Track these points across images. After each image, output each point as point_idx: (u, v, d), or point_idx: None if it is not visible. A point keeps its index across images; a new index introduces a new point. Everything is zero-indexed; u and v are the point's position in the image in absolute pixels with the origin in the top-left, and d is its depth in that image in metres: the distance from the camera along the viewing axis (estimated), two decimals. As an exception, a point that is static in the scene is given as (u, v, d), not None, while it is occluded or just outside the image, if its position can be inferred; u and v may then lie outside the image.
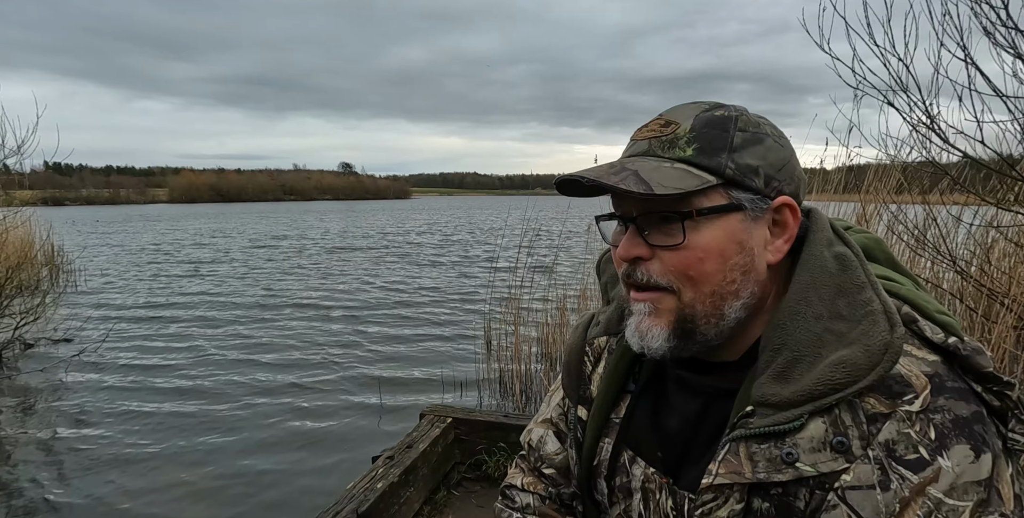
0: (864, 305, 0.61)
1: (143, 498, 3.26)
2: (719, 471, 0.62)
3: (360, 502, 1.99)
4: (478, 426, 2.73)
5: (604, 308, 0.88)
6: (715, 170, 0.63)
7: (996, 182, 3.23)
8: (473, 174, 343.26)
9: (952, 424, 0.56)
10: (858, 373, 0.57)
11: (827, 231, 0.68)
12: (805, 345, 0.61)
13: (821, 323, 0.62)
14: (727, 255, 0.64)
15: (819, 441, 0.58)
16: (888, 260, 0.74)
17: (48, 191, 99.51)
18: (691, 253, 0.63)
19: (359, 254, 15.70)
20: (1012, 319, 3.03)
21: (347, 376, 5.30)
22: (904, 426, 0.56)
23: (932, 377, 0.58)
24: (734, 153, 0.64)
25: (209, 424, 4.26)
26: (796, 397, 0.59)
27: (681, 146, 0.64)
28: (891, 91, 2.90)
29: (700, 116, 0.66)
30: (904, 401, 0.57)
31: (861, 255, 0.66)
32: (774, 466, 0.59)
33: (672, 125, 0.66)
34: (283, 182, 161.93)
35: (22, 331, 6.15)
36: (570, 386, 0.87)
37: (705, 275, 0.63)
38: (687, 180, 0.62)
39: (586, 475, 0.82)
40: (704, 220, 0.63)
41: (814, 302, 0.63)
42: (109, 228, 26.72)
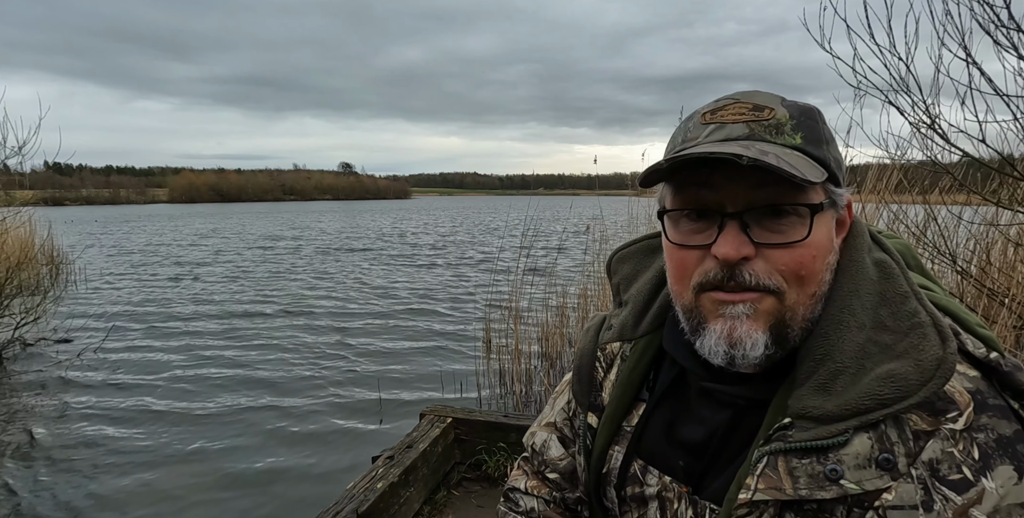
0: (910, 316, 0.58)
1: (143, 498, 3.26)
2: (758, 486, 0.58)
3: (360, 502, 1.99)
4: (478, 426, 2.73)
5: (616, 311, 0.83)
6: (823, 162, 0.59)
7: (997, 181, 3.23)
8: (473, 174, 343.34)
9: (996, 443, 0.54)
10: (908, 388, 0.55)
11: (866, 237, 0.65)
12: (849, 356, 0.58)
13: (864, 333, 0.59)
14: (826, 253, 0.61)
15: (864, 457, 0.55)
16: (919, 267, 0.70)
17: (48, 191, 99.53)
18: (806, 251, 0.58)
19: (357, 255, 15.70)
20: (1012, 319, 3.03)
21: (347, 376, 5.30)
22: (948, 445, 0.54)
23: (975, 394, 0.56)
24: (828, 145, 0.61)
25: (208, 424, 4.25)
26: (840, 411, 0.56)
27: (788, 132, 0.59)
28: (892, 91, 2.90)
29: (787, 103, 0.62)
30: (948, 419, 0.55)
31: (901, 262, 0.63)
32: (816, 482, 0.56)
33: (767, 109, 0.60)
34: (283, 182, 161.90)
35: (22, 331, 6.15)
36: (581, 392, 0.83)
37: (814, 274, 0.59)
38: (812, 170, 0.57)
39: (595, 483, 0.79)
40: (818, 216, 0.59)
41: (857, 311, 0.60)
42: (102, 229, 26.67)
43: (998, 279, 3.35)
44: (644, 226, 5.55)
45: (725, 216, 0.59)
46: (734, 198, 0.58)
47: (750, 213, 0.58)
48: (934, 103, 2.82)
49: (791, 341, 0.60)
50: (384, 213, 46.29)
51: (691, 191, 0.61)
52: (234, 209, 63.45)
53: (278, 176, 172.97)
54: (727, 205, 0.59)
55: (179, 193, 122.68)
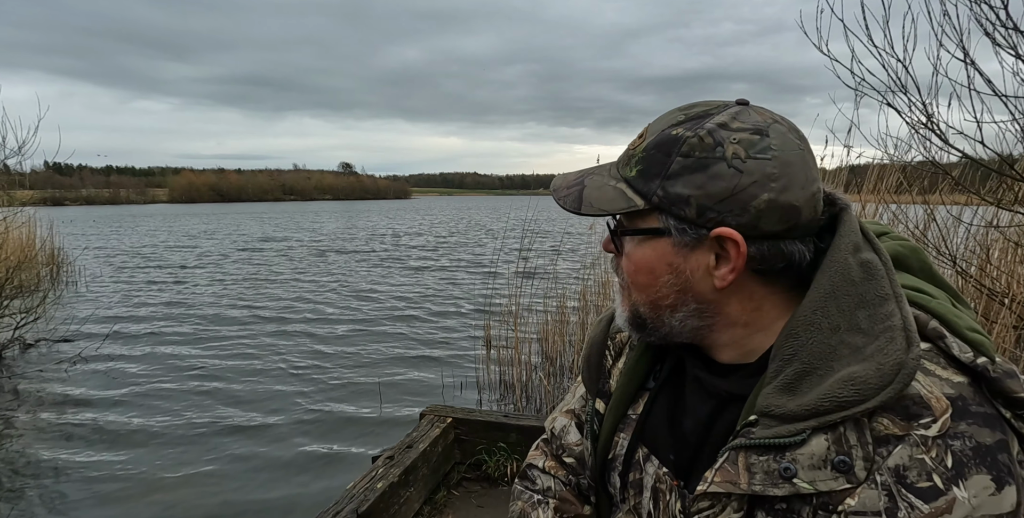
0: (884, 319, 0.58)
1: (142, 497, 3.27)
2: (714, 479, 0.60)
3: (360, 502, 1.99)
4: (478, 426, 2.73)
5: None
6: (645, 195, 0.65)
7: (996, 182, 3.23)
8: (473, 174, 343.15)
9: (973, 452, 0.52)
10: (867, 392, 0.54)
11: (855, 235, 0.64)
12: (817, 357, 0.59)
13: (837, 335, 0.59)
14: (657, 273, 0.67)
15: (820, 458, 0.56)
16: (924, 270, 0.70)
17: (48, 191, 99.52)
18: (628, 263, 0.69)
19: (357, 256, 15.71)
20: (1012, 319, 3.03)
21: (347, 376, 5.30)
22: (918, 451, 0.53)
23: (955, 400, 0.54)
24: (666, 180, 0.62)
25: (207, 424, 4.26)
26: (800, 411, 0.57)
27: (632, 165, 0.66)
28: (890, 91, 2.90)
29: (662, 133, 0.64)
30: (920, 424, 0.54)
31: (889, 263, 0.63)
32: (771, 479, 0.57)
33: (641, 138, 0.67)
34: (283, 182, 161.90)
35: (22, 331, 6.16)
36: (589, 379, 0.86)
37: (639, 285, 0.68)
38: (617, 202, 0.66)
39: (600, 468, 0.81)
40: (638, 238, 0.67)
41: (832, 312, 0.60)
42: (94, 229, 26.62)
43: (998, 279, 3.36)
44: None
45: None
46: None
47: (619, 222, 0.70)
48: (932, 103, 2.83)
49: (650, 331, 0.70)
50: (383, 213, 46.31)
51: None
52: (234, 209, 63.46)
53: (278, 176, 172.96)
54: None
55: (179, 193, 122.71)
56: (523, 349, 4.77)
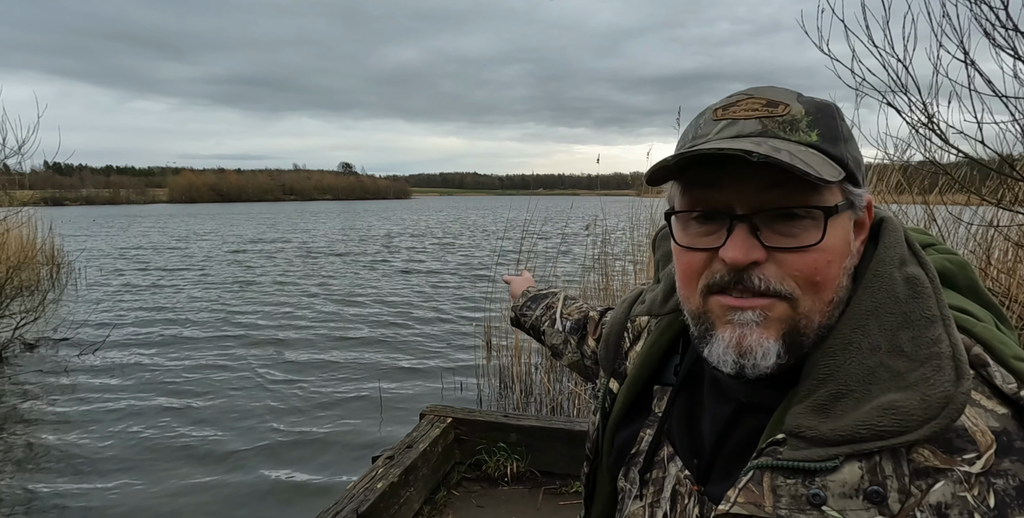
0: (931, 344, 0.53)
1: (142, 497, 3.27)
2: (737, 499, 0.56)
3: (360, 502, 1.99)
4: (478, 426, 2.73)
5: (653, 286, 0.81)
6: (840, 161, 0.56)
7: (996, 182, 3.23)
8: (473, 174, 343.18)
9: (1016, 492, 0.49)
10: (909, 424, 0.50)
11: (901, 247, 0.60)
12: (854, 379, 0.54)
13: (876, 356, 0.54)
14: (843, 256, 0.57)
15: (852, 487, 0.51)
16: (971, 289, 0.65)
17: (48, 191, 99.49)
18: (821, 255, 0.55)
19: (359, 254, 15.71)
20: (1012, 319, 3.03)
21: (347, 376, 5.30)
22: (961, 489, 0.49)
23: (999, 434, 0.50)
24: (847, 143, 0.57)
25: (208, 424, 4.26)
26: (834, 435, 0.53)
27: (804, 129, 0.56)
28: (890, 91, 2.90)
29: (803, 99, 0.58)
30: (964, 460, 0.50)
31: (937, 281, 0.58)
32: (797, 504, 0.53)
33: (781, 105, 0.57)
34: (283, 182, 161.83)
35: (22, 331, 6.16)
36: (606, 358, 0.84)
37: (829, 280, 0.55)
38: (829, 168, 0.53)
39: (618, 460, 0.77)
40: (833, 218, 0.55)
41: (873, 332, 0.55)
42: (87, 229, 26.58)
43: (999, 279, 3.36)
44: (647, 226, 5.55)
45: (734, 218, 0.55)
46: (744, 199, 0.55)
47: (760, 215, 0.55)
48: (932, 103, 2.83)
49: (805, 348, 0.57)
50: (383, 213, 46.29)
51: (699, 191, 0.58)
52: (232, 209, 63.47)
53: (278, 176, 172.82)
54: (736, 207, 0.56)
55: (179, 193, 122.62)
56: (523, 349, 4.77)
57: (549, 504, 2.57)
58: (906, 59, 2.76)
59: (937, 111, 2.85)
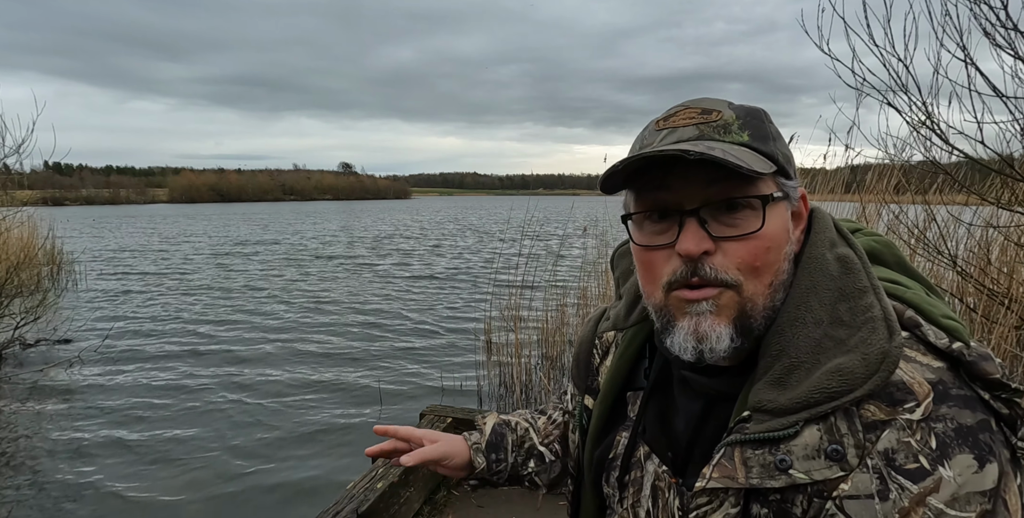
0: (865, 311, 0.60)
1: (142, 497, 3.26)
2: (712, 475, 0.61)
3: (360, 502, 1.99)
4: (478, 426, 2.73)
5: (616, 303, 0.87)
6: (771, 157, 0.62)
7: (996, 182, 3.23)
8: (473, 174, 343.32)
9: (955, 433, 0.54)
10: (854, 382, 0.56)
11: (830, 232, 0.67)
12: (804, 351, 0.60)
13: (821, 328, 0.61)
14: (783, 243, 0.63)
15: (813, 448, 0.57)
16: (899, 264, 0.72)
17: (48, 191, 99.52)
18: (761, 243, 0.61)
19: (358, 256, 15.71)
20: (1013, 319, 3.03)
21: (347, 376, 5.30)
22: (904, 435, 0.55)
23: (936, 384, 0.56)
24: (776, 141, 0.64)
25: (208, 424, 4.26)
26: (792, 404, 0.58)
27: (735, 131, 0.62)
28: (891, 91, 2.90)
29: (734, 106, 0.65)
30: (905, 409, 0.56)
31: (864, 258, 0.65)
32: (767, 472, 0.58)
33: (714, 112, 0.64)
34: (283, 182, 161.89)
35: (22, 331, 6.16)
36: (579, 377, 0.88)
37: (769, 265, 0.62)
38: (760, 163, 0.60)
39: (598, 467, 0.81)
40: (771, 207, 0.61)
41: (814, 307, 0.62)
42: (79, 230, 26.55)
43: (998, 279, 3.35)
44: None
45: (683, 214, 0.61)
46: (690, 196, 0.61)
47: (706, 209, 0.61)
48: (933, 103, 2.83)
49: (756, 330, 0.63)
50: (382, 214, 46.30)
51: (650, 194, 0.64)
52: (231, 210, 63.49)
53: (278, 176, 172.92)
54: (684, 204, 0.61)
55: (179, 193, 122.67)
56: (523, 349, 4.77)
57: (549, 504, 2.57)
58: (907, 58, 2.76)
59: (937, 111, 2.85)
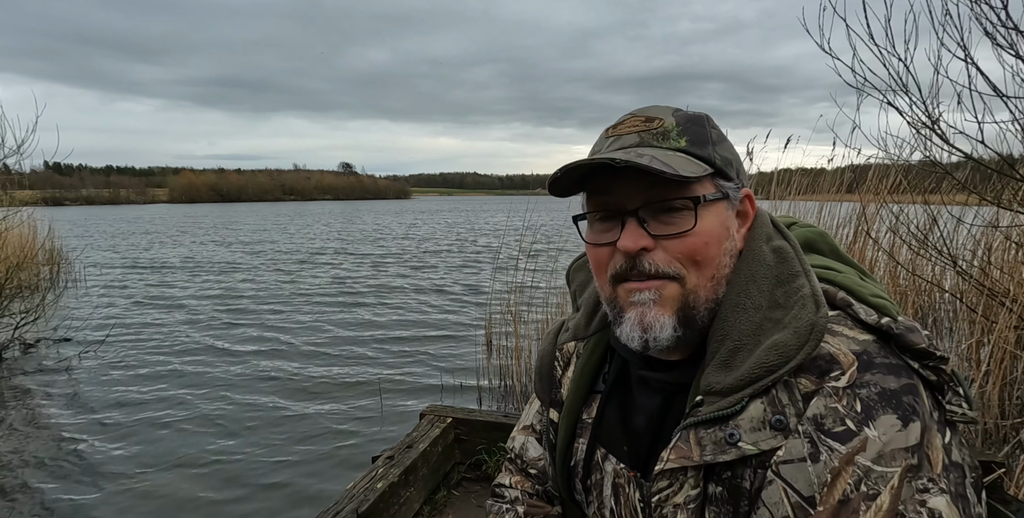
0: (796, 291, 0.65)
1: (141, 498, 3.26)
2: (670, 456, 0.65)
3: (360, 502, 1.99)
4: (478, 426, 2.72)
5: (573, 315, 0.90)
6: (707, 160, 0.67)
7: (997, 182, 3.23)
8: (473, 174, 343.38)
9: (879, 396, 0.58)
10: (789, 353, 0.61)
11: (767, 227, 0.73)
12: (746, 334, 0.65)
13: (760, 313, 0.65)
14: (722, 239, 0.68)
15: (759, 421, 0.61)
16: (832, 251, 0.78)
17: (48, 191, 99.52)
18: (697, 239, 0.65)
19: (358, 256, 15.71)
20: (1013, 319, 3.03)
21: (347, 376, 5.30)
22: (831, 401, 0.59)
23: (860, 355, 0.61)
24: (715, 146, 0.69)
25: (208, 424, 4.25)
26: (737, 382, 0.62)
27: (674, 137, 0.67)
28: (891, 91, 2.90)
29: (677, 113, 0.70)
30: (831, 377, 0.60)
31: (798, 247, 0.70)
32: (719, 448, 0.62)
33: (656, 120, 0.69)
34: (283, 182, 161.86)
35: (22, 331, 6.16)
36: (542, 390, 0.91)
37: (709, 259, 0.66)
38: (692, 166, 0.65)
39: (565, 477, 0.84)
40: (705, 206, 0.66)
41: (753, 294, 0.67)
42: (70, 231, 26.49)
43: (999, 279, 3.35)
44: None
45: (625, 214, 0.67)
46: (631, 198, 0.66)
47: (645, 209, 0.66)
48: (933, 103, 2.82)
49: (699, 321, 0.67)
50: (384, 214, 46.29)
51: (596, 197, 0.70)
52: (230, 210, 63.50)
53: (278, 176, 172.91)
54: (626, 205, 0.67)
55: (179, 193, 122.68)
56: (523, 349, 4.77)
57: (549, 504, 2.56)
58: (907, 58, 2.76)
59: (937, 111, 2.85)
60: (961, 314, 3.39)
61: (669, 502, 0.66)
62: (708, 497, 0.64)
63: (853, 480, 0.56)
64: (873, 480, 0.56)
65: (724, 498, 0.63)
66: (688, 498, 0.65)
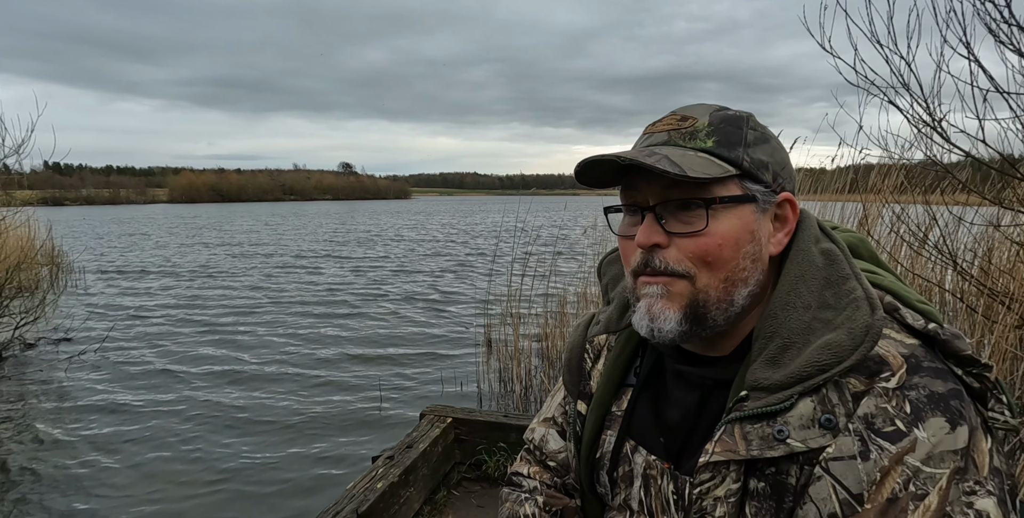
0: (848, 293, 0.66)
1: (141, 498, 3.26)
2: (715, 450, 0.65)
3: (360, 502, 1.98)
4: (478, 426, 2.72)
5: (604, 308, 0.91)
6: (734, 161, 0.67)
7: (998, 181, 3.22)
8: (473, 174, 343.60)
9: (927, 399, 0.59)
10: (842, 354, 0.61)
11: (815, 229, 0.73)
12: (795, 333, 0.65)
13: (810, 312, 0.66)
14: (741, 243, 0.67)
15: (808, 419, 0.61)
16: (871, 257, 0.79)
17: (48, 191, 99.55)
18: (710, 239, 0.66)
19: (359, 256, 15.71)
20: (1014, 319, 3.02)
21: (347, 376, 5.29)
22: (882, 401, 0.60)
23: (908, 358, 0.62)
24: (748, 148, 0.69)
25: (207, 424, 4.25)
26: (786, 380, 0.62)
27: (701, 138, 0.68)
28: (892, 90, 2.89)
29: (715, 113, 0.70)
30: (881, 378, 0.61)
31: (846, 250, 0.71)
32: (767, 443, 0.62)
33: (690, 119, 0.70)
34: (283, 182, 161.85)
35: (22, 331, 6.15)
36: (571, 382, 0.91)
37: (722, 261, 0.66)
38: (712, 168, 0.65)
39: (588, 469, 0.84)
40: (723, 208, 0.66)
41: (803, 293, 0.67)
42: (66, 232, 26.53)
43: (999, 280, 3.35)
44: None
45: (644, 209, 0.68)
46: (653, 195, 0.68)
47: (663, 206, 0.67)
48: (935, 102, 2.81)
49: (710, 320, 0.68)
50: (385, 215, 46.32)
51: (627, 192, 0.71)
52: (229, 210, 63.52)
53: (278, 176, 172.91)
54: (648, 201, 0.68)
55: (179, 193, 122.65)
56: (523, 349, 4.76)
57: (550, 504, 2.55)
58: (909, 56, 2.75)
59: (939, 109, 2.84)
60: (961, 314, 3.38)
61: (710, 495, 0.67)
62: (749, 492, 0.65)
63: (902, 479, 0.57)
64: (922, 480, 0.56)
65: (766, 493, 0.64)
66: (729, 492, 0.65)
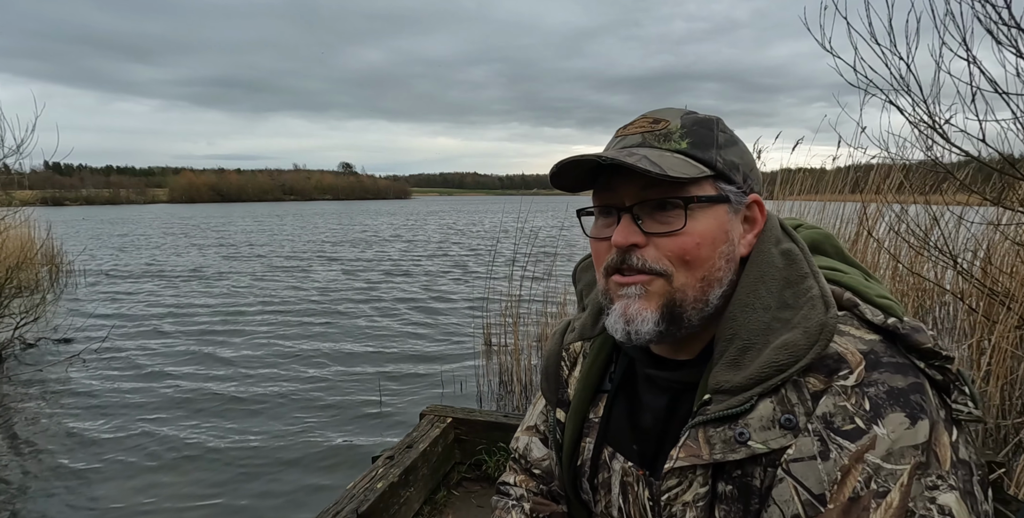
0: (805, 292, 0.66)
1: (140, 498, 3.26)
2: (679, 455, 0.65)
3: (360, 502, 1.99)
4: (478, 426, 2.72)
5: (579, 315, 0.91)
6: (708, 163, 0.68)
7: (998, 181, 3.22)
8: (473, 174, 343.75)
9: (887, 395, 0.59)
10: (799, 353, 0.61)
11: (775, 230, 0.74)
12: (755, 334, 0.65)
13: (770, 313, 0.66)
14: (717, 243, 0.68)
15: (768, 420, 0.62)
16: (838, 253, 0.79)
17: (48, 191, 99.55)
18: (689, 239, 0.66)
19: (359, 255, 15.72)
20: (1014, 319, 3.02)
21: (347, 376, 5.29)
22: (840, 399, 0.60)
23: (867, 354, 0.62)
24: (720, 150, 0.70)
25: (207, 423, 4.25)
26: (746, 381, 0.63)
27: (676, 139, 0.69)
28: (893, 90, 2.89)
29: (685, 116, 0.71)
30: (840, 376, 0.60)
31: (806, 250, 0.71)
32: (729, 446, 0.62)
33: (662, 122, 0.71)
34: (283, 182, 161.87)
35: (22, 331, 6.15)
36: (549, 390, 0.91)
37: (700, 260, 0.67)
38: (688, 168, 0.66)
39: (571, 476, 0.85)
40: (699, 208, 0.67)
41: (762, 294, 0.67)
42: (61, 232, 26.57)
43: (1000, 280, 3.35)
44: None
45: (620, 210, 0.68)
46: (629, 196, 0.68)
47: (640, 206, 0.67)
48: (935, 102, 2.82)
49: (686, 320, 0.68)
50: (383, 215, 46.30)
51: (600, 193, 0.71)
52: (228, 210, 63.51)
53: (278, 176, 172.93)
54: (624, 202, 0.68)
55: (179, 193, 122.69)
56: (523, 349, 4.76)
57: (550, 504, 2.55)
58: (909, 57, 2.75)
59: (939, 110, 2.84)
60: (962, 314, 3.39)
61: (678, 500, 0.67)
62: (718, 495, 0.65)
63: (863, 478, 0.57)
64: (883, 477, 0.56)
65: (734, 496, 0.64)
66: (697, 496, 0.66)
